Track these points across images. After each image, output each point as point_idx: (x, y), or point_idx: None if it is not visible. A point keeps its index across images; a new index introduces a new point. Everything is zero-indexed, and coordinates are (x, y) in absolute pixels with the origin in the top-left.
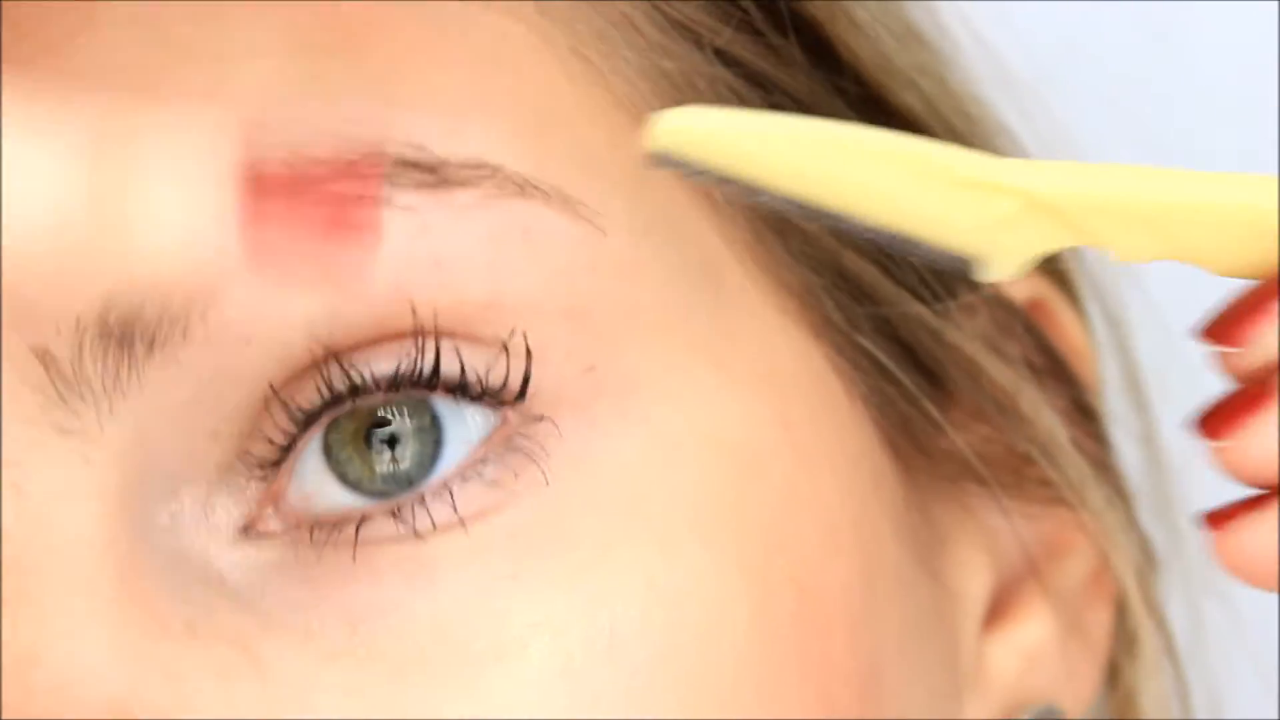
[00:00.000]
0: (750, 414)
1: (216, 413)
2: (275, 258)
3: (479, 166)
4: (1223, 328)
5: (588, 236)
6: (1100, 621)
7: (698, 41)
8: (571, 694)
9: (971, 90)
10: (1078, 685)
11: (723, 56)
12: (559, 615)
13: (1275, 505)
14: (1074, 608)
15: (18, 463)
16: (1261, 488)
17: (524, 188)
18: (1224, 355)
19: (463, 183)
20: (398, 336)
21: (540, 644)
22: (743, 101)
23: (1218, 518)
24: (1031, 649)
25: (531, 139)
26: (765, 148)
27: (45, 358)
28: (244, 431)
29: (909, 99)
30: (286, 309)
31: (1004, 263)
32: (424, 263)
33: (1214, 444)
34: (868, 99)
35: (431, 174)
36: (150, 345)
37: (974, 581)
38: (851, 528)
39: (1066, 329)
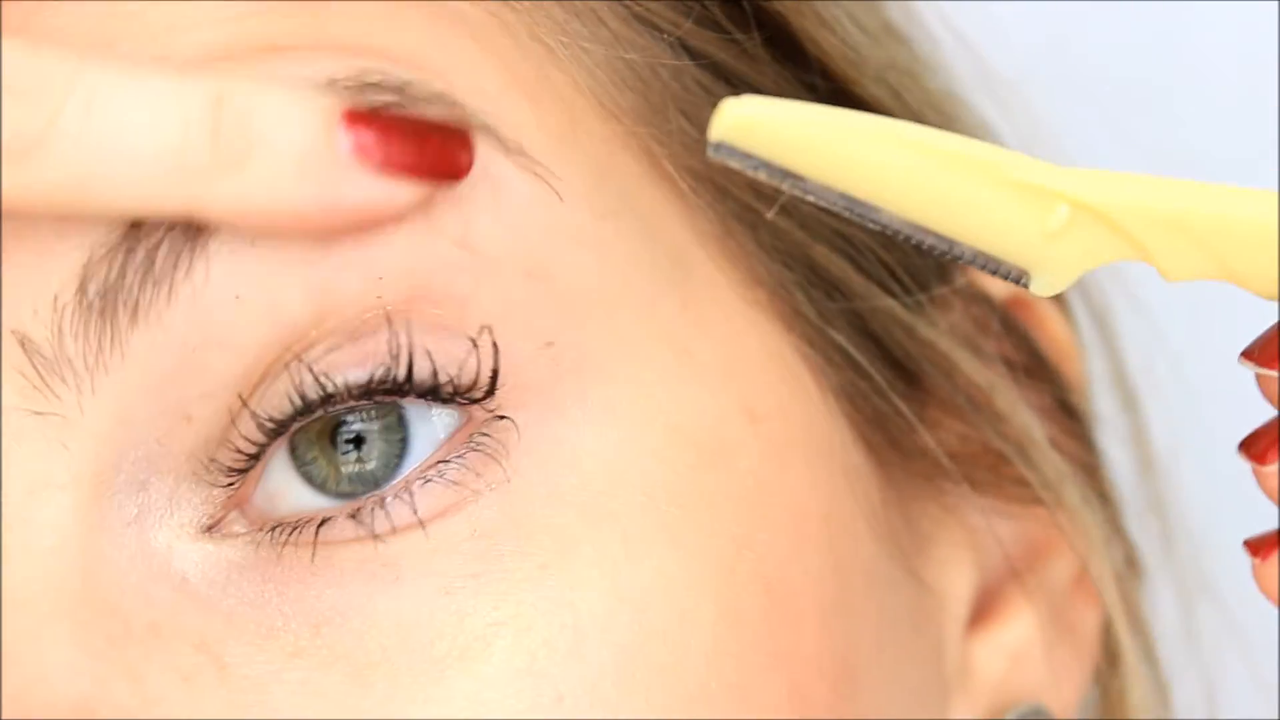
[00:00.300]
0: (715, 404)
1: (196, 389)
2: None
3: (442, 97)
4: (1264, 351)
5: (546, 198)
6: (1088, 622)
7: (662, 35)
8: (535, 693)
9: (948, 87)
10: (1064, 685)
11: (688, 51)
12: (522, 614)
13: None
14: (1060, 608)
15: None
16: None
17: (485, 129)
18: (1264, 379)
19: (427, 109)
20: (378, 296)
21: (503, 643)
22: (707, 93)
23: (1258, 546)
24: (1017, 649)
25: (491, 99)
26: (824, 139)
27: (24, 342)
28: (217, 420)
29: (878, 94)
30: (276, 250)
31: (1055, 275)
32: None
33: (1258, 468)
34: (836, 93)
35: (398, 93)
36: (134, 312)
37: (957, 581)
38: (822, 521)
39: (1050, 326)
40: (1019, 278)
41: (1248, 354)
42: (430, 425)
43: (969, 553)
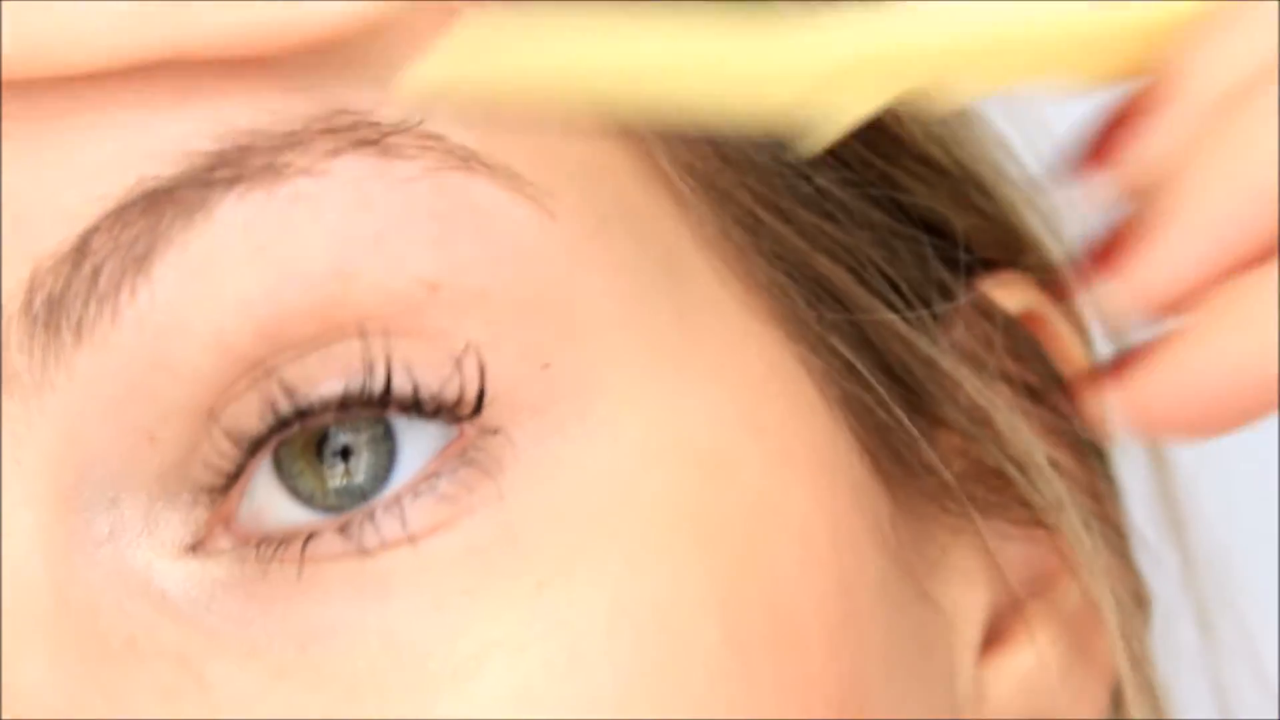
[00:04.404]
0: (717, 418)
1: (153, 412)
2: None
3: (421, 136)
4: (1094, 154)
5: (536, 218)
6: (1104, 644)
7: None
8: (530, 715)
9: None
10: (1083, 709)
11: None
12: (517, 634)
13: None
14: (1076, 631)
15: None
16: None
17: (468, 161)
18: (1115, 180)
19: (404, 153)
20: (341, 335)
21: (497, 663)
22: None
23: (1119, 368)
24: (1031, 674)
25: (476, 114)
26: (544, 63)
27: None
28: (184, 441)
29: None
30: (221, 288)
31: (830, 125)
32: (365, 240)
33: (1122, 283)
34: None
35: (373, 145)
36: (78, 330)
37: (968, 603)
38: (828, 541)
39: (1064, 345)
40: (796, 137)
41: (1082, 164)
42: (419, 437)
43: (979, 575)
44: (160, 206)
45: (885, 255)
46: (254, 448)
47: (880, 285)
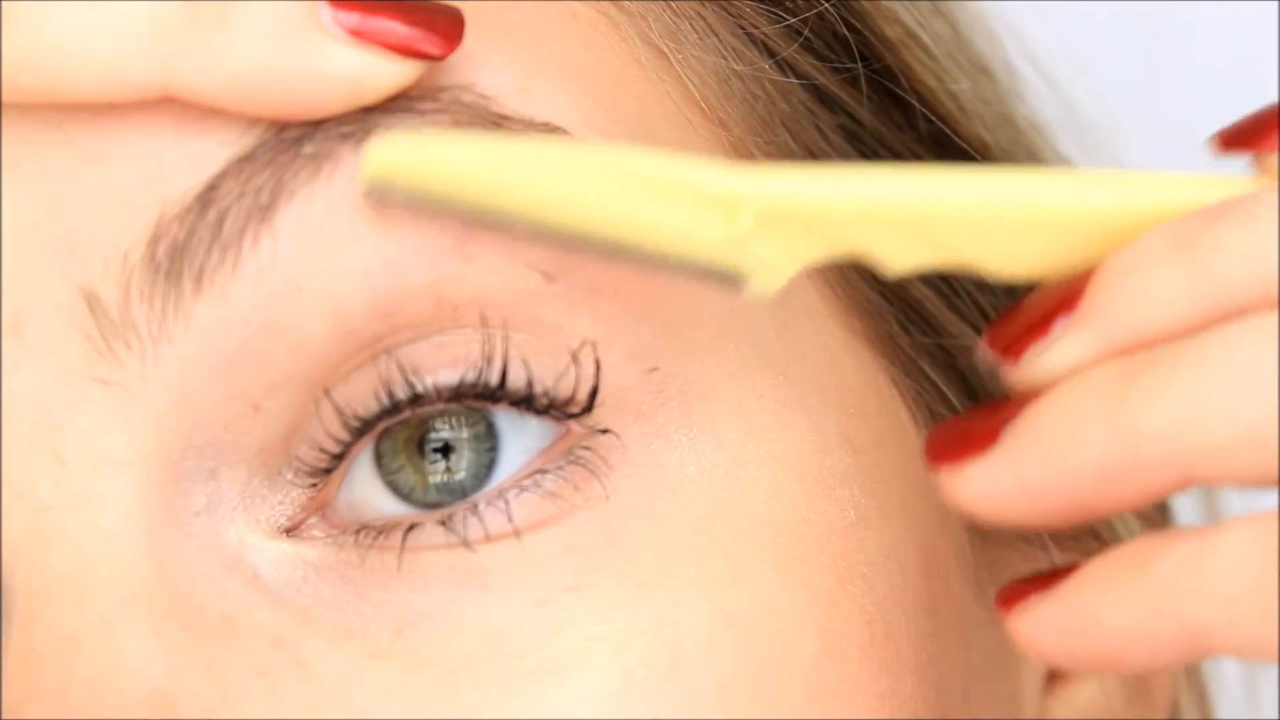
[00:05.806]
0: (818, 434)
1: (263, 379)
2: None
3: (543, 127)
4: (1002, 339)
5: None
6: (1162, 683)
7: (769, 52)
8: (629, 713)
9: (1037, 122)
10: None
11: (796, 73)
12: (620, 631)
13: (1068, 585)
14: None
15: (59, 426)
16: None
17: None
18: (1004, 367)
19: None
20: (458, 324)
21: (599, 659)
22: (812, 115)
23: (1008, 597)
24: (1096, 705)
25: (599, 112)
26: (489, 171)
27: (92, 301)
28: (288, 415)
29: (977, 130)
30: (342, 251)
31: (764, 277)
32: None
33: (939, 470)
34: (938, 133)
35: (494, 126)
36: (199, 279)
37: None
38: (918, 562)
39: None
40: (734, 283)
41: (989, 339)
42: (522, 436)
43: None
44: (287, 156)
45: (975, 281)
46: (361, 430)
47: (971, 312)
